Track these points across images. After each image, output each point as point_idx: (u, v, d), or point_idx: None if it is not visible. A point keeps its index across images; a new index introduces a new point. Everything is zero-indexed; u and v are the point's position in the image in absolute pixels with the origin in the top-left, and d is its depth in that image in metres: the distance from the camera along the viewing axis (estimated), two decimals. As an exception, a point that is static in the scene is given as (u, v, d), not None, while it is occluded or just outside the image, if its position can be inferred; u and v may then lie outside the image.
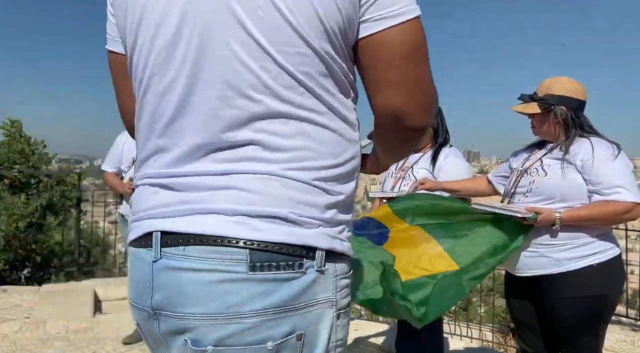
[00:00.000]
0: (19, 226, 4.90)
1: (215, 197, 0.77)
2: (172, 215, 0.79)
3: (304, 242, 0.77)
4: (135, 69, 0.88)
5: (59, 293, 5.02)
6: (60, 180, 5.69)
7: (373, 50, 0.81)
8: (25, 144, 5.55)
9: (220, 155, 0.79)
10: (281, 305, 0.75)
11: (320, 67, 0.80)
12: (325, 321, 0.80)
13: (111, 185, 3.74)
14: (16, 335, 3.86)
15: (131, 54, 0.88)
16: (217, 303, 0.74)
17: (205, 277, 0.75)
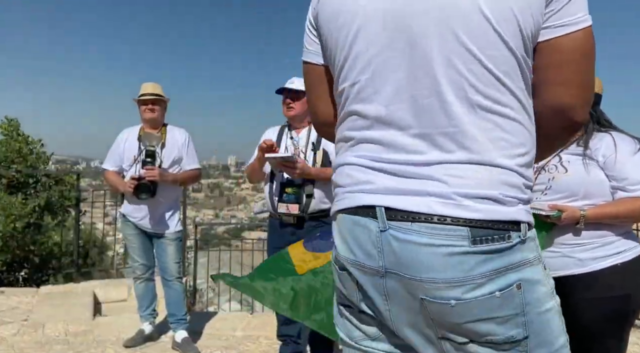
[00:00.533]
0: (16, 227, 4.79)
1: (434, 182, 0.95)
2: (396, 193, 0.97)
3: (512, 217, 0.94)
4: (345, 78, 1.07)
5: (57, 295, 4.93)
6: (58, 179, 5.59)
7: (550, 53, 0.98)
8: (22, 142, 5.46)
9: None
10: (501, 267, 0.93)
11: (515, 67, 0.96)
12: (538, 272, 0.99)
13: (112, 184, 3.65)
14: (14, 338, 3.77)
15: (342, 64, 1.07)
16: (453, 271, 0.93)
17: (438, 250, 0.93)
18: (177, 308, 3.64)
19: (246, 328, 4.17)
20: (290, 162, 2.83)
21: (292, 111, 3.09)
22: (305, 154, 3.07)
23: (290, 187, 3.01)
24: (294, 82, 3.12)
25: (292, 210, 3.01)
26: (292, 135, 3.16)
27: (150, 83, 3.62)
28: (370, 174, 1.02)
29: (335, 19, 1.07)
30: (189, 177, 3.65)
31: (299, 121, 3.15)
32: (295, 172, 2.85)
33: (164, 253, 3.58)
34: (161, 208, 3.53)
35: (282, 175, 3.03)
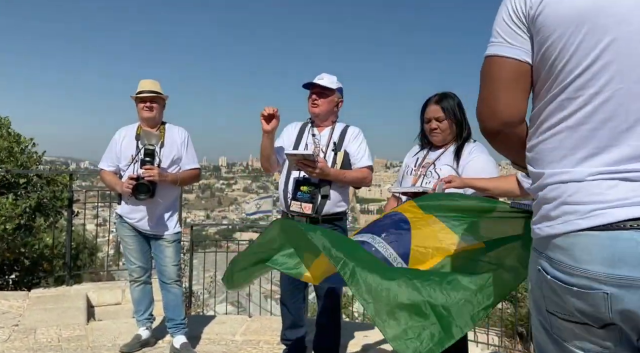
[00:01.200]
0: (6, 228, 4.64)
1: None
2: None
3: None
4: (582, 86, 1.07)
5: (49, 298, 4.78)
6: (50, 180, 5.43)
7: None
8: (13, 141, 5.30)
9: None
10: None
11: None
12: None
13: (109, 184, 3.53)
14: (5, 345, 3.63)
15: (579, 73, 1.07)
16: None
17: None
18: (176, 313, 3.52)
19: (246, 333, 4.05)
20: (310, 161, 2.73)
21: (317, 108, 3.01)
22: (326, 153, 2.99)
23: (306, 185, 2.91)
24: (323, 78, 3.02)
25: (305, 209, 2.91)
26: (314, 132, 3.07)
27: (148, 80, 3.50)
28: (617, 185, 1.03)
29: (574, 25, 1.07)
30: (188, 176, 3.53)
31: (322, 119, 3.06)
32: (314, 171, 2.75)
33: (162, 256, 3.46)
34: (160, 209, 3.41)
35: (298, 172, 2.92)
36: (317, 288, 3.12)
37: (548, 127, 1.12)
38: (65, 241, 5.35)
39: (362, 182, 3.04)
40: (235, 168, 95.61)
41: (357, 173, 3.00)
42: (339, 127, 3.09)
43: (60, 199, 5.25)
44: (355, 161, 3.01)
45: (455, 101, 2.64)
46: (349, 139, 3.03)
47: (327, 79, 3.02)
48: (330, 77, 3.04)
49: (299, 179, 2.97)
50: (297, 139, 3.08)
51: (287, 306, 3.14)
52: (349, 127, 3.09)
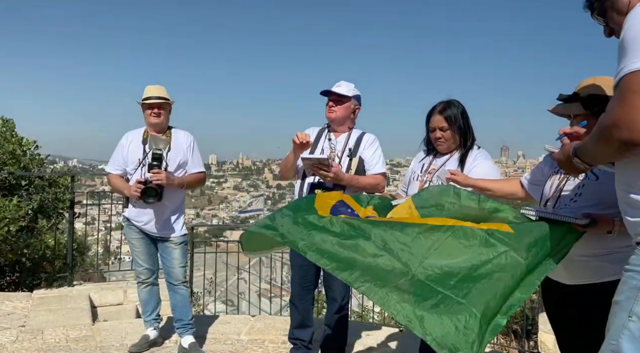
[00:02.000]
0: (10, 230, 4.67)
1: None
2: None
3: None
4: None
5: (52, 299, 4.83)
6: (52, 181, 5.47)
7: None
8: (16, 144, 5.33)
9: None
10: None
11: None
12: None
13: (117, 188, 3.58)
14: (14, 346, 3.68)
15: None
16: None
17: None
18: (184, 313, 3.59)
19: (250, 332, 4.14)
20: (325, 165, 2.81)
21: (333, 114, 3.10)
22: (341, 158, 3.07)
23: (320, 189, 2.99)
24: (340, 85, 3.11)
25: None
26: (331, 137, 3.16)
27: (154, 85, 3.56)
28: None
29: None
30: (194, 180, 3.61)
31: (339, 124, 3.15)
32: (328, 175, 2.83)
33: (169, 257, 3.53)
34: (167, 212, 3.48)
35: (315, 176, 3.01)
36: (327, 290, 3.21)
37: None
38: (67, 242, 5.40)
39: (375, 188, 3.11)
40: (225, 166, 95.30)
41: (371, 179, 3.09)
42: (356, 133, 3.17)
43: (61, 201, 5.28)
44: (369, 167, 3.10)
45: (459, 109, 2.72)
46: (364, 145, 3.12)
47: (345, 87, 3.11)
48: (348, 85, 3.14)
49: (313, 183, 3.05)
50: (314, 143, 3.15)
51: (296, 306, 3.23)
52: (365, 134, 3.18)
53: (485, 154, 2.74)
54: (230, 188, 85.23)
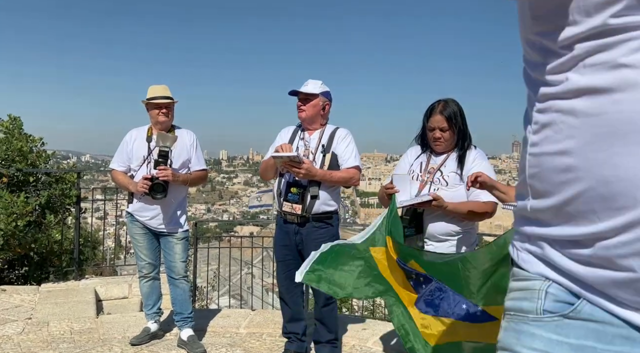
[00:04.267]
0: (18, 225, 4.80)
1: None
2: None
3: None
4: None
5: (59, 293, 4.96)
6: (59, 178, 5.60)
7: None
8: (24, 141, 5.46)
9: None
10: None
11: None
12: None
13: (121, 184, 3.68)
14: (20, 337, 3.80)
15: None
16: None
17: None
18: (184, 307, 3.69)
19: (249, 326, 4.23)
20: (296, 162, 2.88)
21: (303, 113, 3.16)
22: (315, 155, 3.13)
23: (296, 187, 3.07)
24: (307, 84, 3.17)
25: (295, 210, 3.08)
26: (304, 136, 3.22)
27: (159, 85, 3.66)
28: None
29: None
30: (197, 177, 3.70)
31: (310, 122, 3.20)
32: (300, 172, 2.90)
33: (171, 252, 3.62)
34: (171, 208, 3.57)
35: (290, 175, 3.08)
36: None
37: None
38: (74, 237, 5.53)
39: (349, 181, 3.17)
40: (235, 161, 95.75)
41: (344, 173, 3.13)
42: (329, 129, 3.23)
43: (68, 196, 5.40)
44: (342, 162, 3.14)
45: (458, 108, 2.74)
46: (337, 140, 3.17)
47: (311, 85, 3.17)
48: (315, 83, 3.20)
49: (289, 181, 3.13)
50: (289, 143, 3.22)
51: (285, 301, 3.32)
52: (338, 129, 3.23)
53: (482, 153, 2.78)
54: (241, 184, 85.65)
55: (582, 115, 0.72)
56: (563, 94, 0.75)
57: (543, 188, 0.80)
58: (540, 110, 0.80)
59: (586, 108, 0.72)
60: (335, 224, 3.20)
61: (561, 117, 0.75)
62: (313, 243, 2.98)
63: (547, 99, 0.79)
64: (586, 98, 0.72)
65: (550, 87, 0.78)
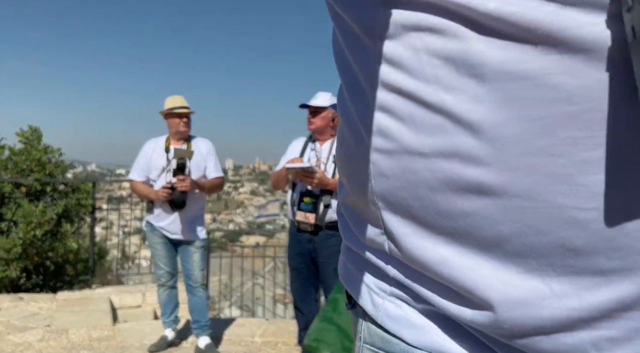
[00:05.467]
0: (36, 234, 4.90)
1: None
2: None
3: None
4: None
5: (75, 301, 5.03)
6: (75, 188, 5.70)
7: None
8: (42, 152, 5.57)
9: None
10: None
11: None
12: None
13: (142, 193, 3.75)
14: (40, 344, 3.87)
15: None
16: None
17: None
18: (201, 315, 3.75)
19: (264, 335, 4.28)
20: (309, 172, 2.97)
21: (313, 126, 3.27)
22: (326, 165, 3.22)
23: (309, 197, 3.16)
24: (317, 97, 3.26)
25: (309, 219, 3.16)
26: (315, 147, 3.31)
27: (177, 96, 3.75)
28: None
29: None
30: (214, 185, 3.77)
31: (320, 134, 3.30)
32: (313, 182, 2.99)
33: (190, 260, 3.69)
34: (189, 217, 3.64)
35: (302, 184, 3.17)
36: (325, 292, 3.35)
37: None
38: (89, 246, 5.62)
39: None
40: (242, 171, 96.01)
41: None
42: None
43: (84, 206, 5.51)
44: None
45: None
46: None
47: (321, 98, 3.26)
48: (324, 95, 3.29)
49: (302, 191, 3.22)
50: (300, 154, 3.32)
51: (300, 309, 3.38)
52: None
53: None
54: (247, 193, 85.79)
55: (493, 71, 0.38)
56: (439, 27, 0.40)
57: (416, 222, 0.45)
58: (391, 65, 0.44)
59: (504, 58, 0.37)
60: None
61: (448, 76, 0.40)
62: (326, 251, 3.06)
63: (401, 38, 0.43)
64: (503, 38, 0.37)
65: (409, 9, 0.42)
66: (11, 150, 5.54)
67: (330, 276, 3.19)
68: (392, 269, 0.50)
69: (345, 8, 0.50)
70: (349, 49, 0.51)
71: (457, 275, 0.42)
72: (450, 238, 0.43)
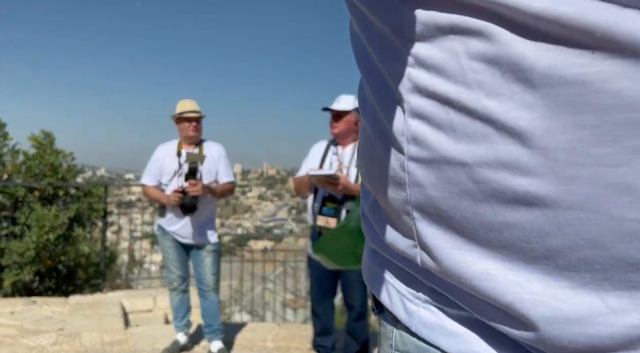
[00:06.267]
0: (49, 238, 4.93)
1: None
2: None
3: None
4: None
5: (86, 305, 5.05)
6: (87, 192, 5.74)
7: None
8: (55, 156, 5.62)
9: None
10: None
11: None
12: None
13: (155, 197, 3.77)
14: (54, 348, 3.89)
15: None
16: None
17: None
18: (213, 319, 3.75)
19: (276, 339, 4.27)
20: (332, 179, 2.95)
21: (335, 129, 3.24)
22: (349, 169, 3.20)
23: (331, 202, 3.13)
24: (340, 101, 3.25)
25: (330, 224, 3.14)
26: (337, 151, 3.29)
27: (188, 100, 3.77)
28: None
29: None
30: (226, 190, 3.78)
31: (342, 138, 3.27)
32: (337, 189, 2.97)
33: (202, 264, 3.69)
34: (201, 221, 3.65)
35: (324, 189, 3.15)
36: (345, 298, 3.34)
37: None
38: (100, 250, 5.65)
39: None
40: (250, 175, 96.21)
41: None
42: None
43: (96, 210, 5.54)
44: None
45: None
46: None
47: (344, 102, 3.24)
48: (347, 98, 3.26)
49: (325, 196, 3.20)
50: (322, 158, 3.30)
51: (317, 314, 3.36)
52: None
53: None
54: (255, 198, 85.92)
55: (543, 76, 0.36)
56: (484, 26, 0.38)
57: (456, 234, 0.43)
58: (427, 69, 0.42)
59: (555, 62, 0.36)
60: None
61: (492, 81, 0.38)
62: None
63: (438, 40, 0.41)
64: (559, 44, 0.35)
65: (444, 10, 0.40)
66: (25, 155, 5.59)
67: (351, 283, 3.18)
68: (425, 281, 0.48)
69: (367, 3, 0.46)
70: (374, 49, 0.48)
71: (501, 290, 0.40)
72: (494, 252, 0.41)
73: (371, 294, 0.57)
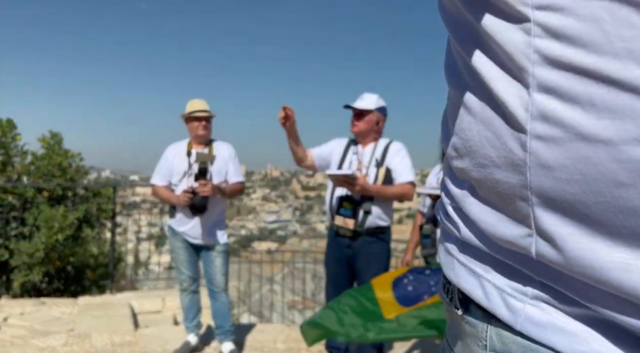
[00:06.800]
0: (58, 238, 4.92)
1: None
2: None
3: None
4: None
5: (95, 306, 5.04)
6: (96, 192, 5.73)
7: None
8: (63, 156, 5.61)
9: None
10: None
11: None
12: None
13: (164, 198, 3.75)
14: (64, 349, 3.88)
15: None
16: None
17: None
18: (224, 320, 3.73)
19: (287, 341, 4.25)
20: (351, 179, 2.91)
21: (356, 128, 3.18)
22: (368, 169, 3.15)
23: (349, 202, 3.09)
24: (363, 98, 3.19)
25: (348, 224, 3.10)
26: (357, 150, 3.24)
27: (198, 100, 3.75)
28: None
29: None
30: (235, 190, 3.76)
31: (363, 137, 3.21)
32: (355, 189, 2.93)
33: (212, 265, 3.67)
34: (210, 221, 3.63)
35: (342, 188, 3.10)
36: None
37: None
38: (109, 251, 5.63)
39: (403, 197, 3.15)
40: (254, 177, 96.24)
41: (398, 188, 3.12)
42: (382, 143, 3.22)
43: (104, 211, 5.53)
44: (397, 176, 3.12)
45: None
46: (391, 154, 3.16)
47: (367, 100, 3.17)
48: (370, 97, 3.19)
49: (342, 196, 3.15)
50: (342, 156, 3.25)
51: None
52: (392, 142, 3.22)
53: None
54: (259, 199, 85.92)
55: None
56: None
57: (585, 222, 0.39)
58: (559, 39, 0.39)
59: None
60: (388, 239, 3.20)
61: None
62: (365, 258, 3.02)
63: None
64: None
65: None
66: (34, 155, 5.58)
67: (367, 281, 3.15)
68: (534, 275, 0.44)
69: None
70: (479, 18, 0.43)
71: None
72: (633, 240, 0.36)
73: (455, 290, 0.53)
